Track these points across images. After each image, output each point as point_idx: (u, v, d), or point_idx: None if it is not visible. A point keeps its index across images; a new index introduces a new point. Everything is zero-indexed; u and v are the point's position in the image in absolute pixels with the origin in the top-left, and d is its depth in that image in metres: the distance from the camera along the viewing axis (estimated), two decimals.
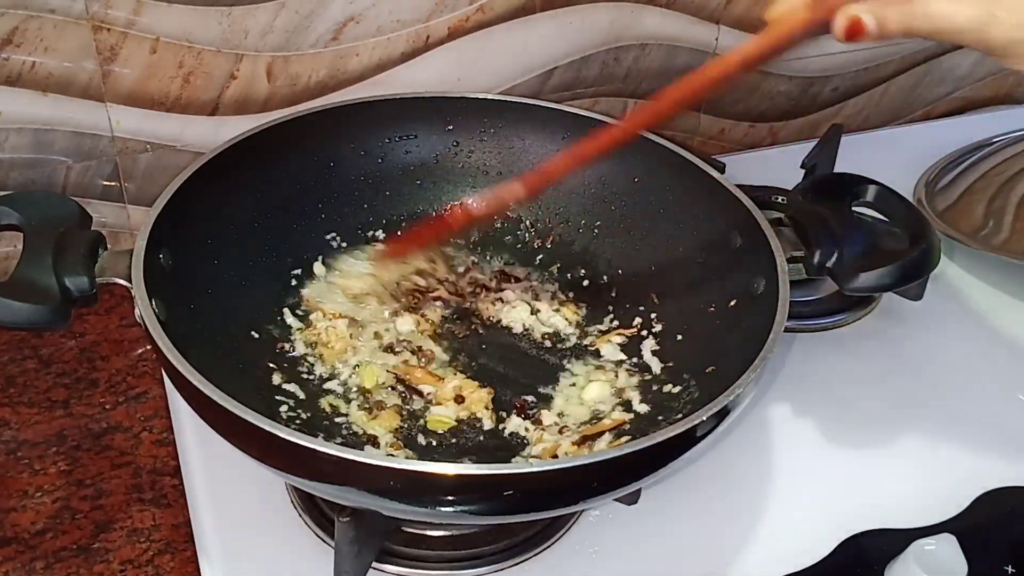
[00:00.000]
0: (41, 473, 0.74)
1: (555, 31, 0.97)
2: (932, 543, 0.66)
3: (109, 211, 0.91)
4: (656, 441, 0.56)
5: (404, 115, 0.83)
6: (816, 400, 0.81)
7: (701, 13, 1.02)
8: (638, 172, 0.81)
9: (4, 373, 0.82)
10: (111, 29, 0.82)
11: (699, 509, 0.72)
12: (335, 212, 0.82)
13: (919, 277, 0.75)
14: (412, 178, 0.85)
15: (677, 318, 0.77)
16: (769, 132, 1.15)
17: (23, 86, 0.82)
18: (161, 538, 0.70)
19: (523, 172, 0.73)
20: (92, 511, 0.72)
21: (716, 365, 0.69)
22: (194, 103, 0.88)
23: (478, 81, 0.97)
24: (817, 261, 0.71)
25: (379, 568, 0.66)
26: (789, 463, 0.76)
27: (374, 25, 0.90)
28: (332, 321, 0.76)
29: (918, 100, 1.21)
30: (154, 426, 0.78)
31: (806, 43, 0.62)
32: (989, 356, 0.87)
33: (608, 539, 0.69)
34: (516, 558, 0.68)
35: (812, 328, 0.87)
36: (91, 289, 0.64)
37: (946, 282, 0.92)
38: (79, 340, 0.85)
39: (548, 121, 0.84)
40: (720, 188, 0.76)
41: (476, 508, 0.58)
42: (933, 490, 0.74)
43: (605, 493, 0.61)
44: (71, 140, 0.86)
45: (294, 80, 0.90)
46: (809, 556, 0.69)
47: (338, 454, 0.54)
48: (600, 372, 0.75)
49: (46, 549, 0.69)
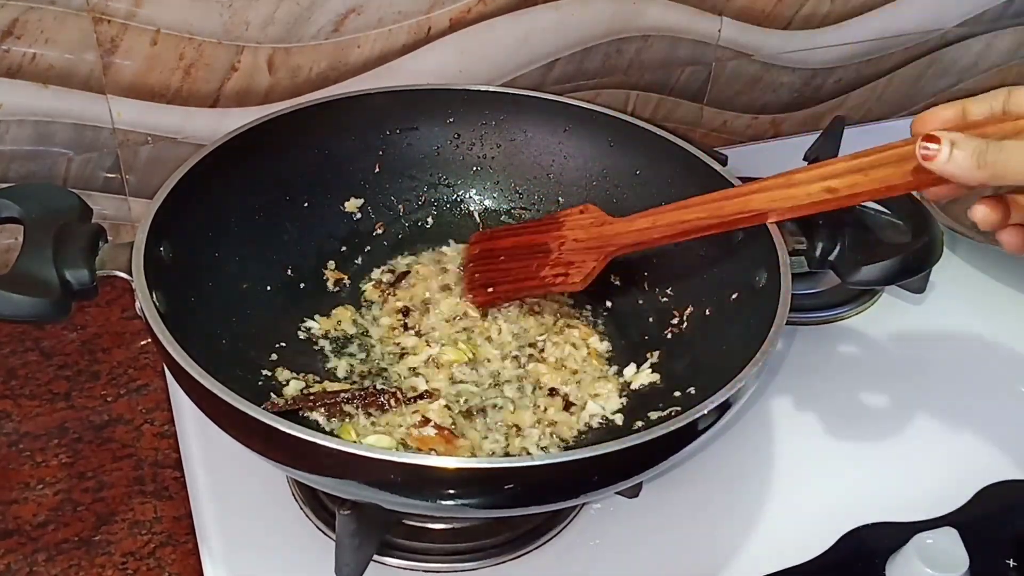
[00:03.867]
0: (43, 465, 0.75)
1: (557, 23, 0.97)
2: (933, 536, 0.66)
3: (110, 203, 0.90)
4: (658, 435, 0.56)
5: (405, 107, 0.83)
6: (818, 393, 0.81)
7: (704, 5, 1.01)
8: (640, 164, 0.81)
9: (5, 365, 0.82)
10: (112, 21, 0.82)
11: (701, 502, 0.72)
12: (336, 204, 0.82)
13: (921, 270, 0.75)
14: (413, 170, 0.84)
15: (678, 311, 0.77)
16: (772, 124, 1.15)
17: (24, 78, 0.82)
18: (163, 530, 0.70)
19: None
20: (94, 503, 0.72)
21: (718, 358, 0.69)
22: (195, 95, 0.88)
23: (480, 73, 0.97)
24: (819, 254, 0.71)
25: (380, 561, 0.66)
26: (791, 456, 0.76)
27: (375, 16, 0.90)
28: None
29: (921, 92, 1.20)
30: (155, 418, 0.78)
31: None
32: (991, 349, 0.87)
33: (610, 532, 0.69)
34: (517, 551, 0.68)
35: (814, 321, 0.87)
36: (91, 282, 0.64)
37: (948, 275, 0.92)
38: (80, 332, 0.85)
39: (550, 113, 0.84)
40: (723, 181, 0.76)
41: (477, 501, 0.58)
42: (935, 483, 0.74)
43: (606, 486, 0.61)
44: (72, 132, 0.86)
45: (295, 72, 0.90)
46: (810, 549, 0.69)
47: (339, 447, 0.54)
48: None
49: (48, 541, 0.69)
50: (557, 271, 0.73)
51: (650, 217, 0.71)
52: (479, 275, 0.77)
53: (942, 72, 1.19)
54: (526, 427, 0.69)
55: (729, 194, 0.68)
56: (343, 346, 0.75)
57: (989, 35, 1.18)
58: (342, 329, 0.76)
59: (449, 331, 0.76)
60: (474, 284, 0.77)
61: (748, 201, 0.66)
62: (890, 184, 0.61)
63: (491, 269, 0.77)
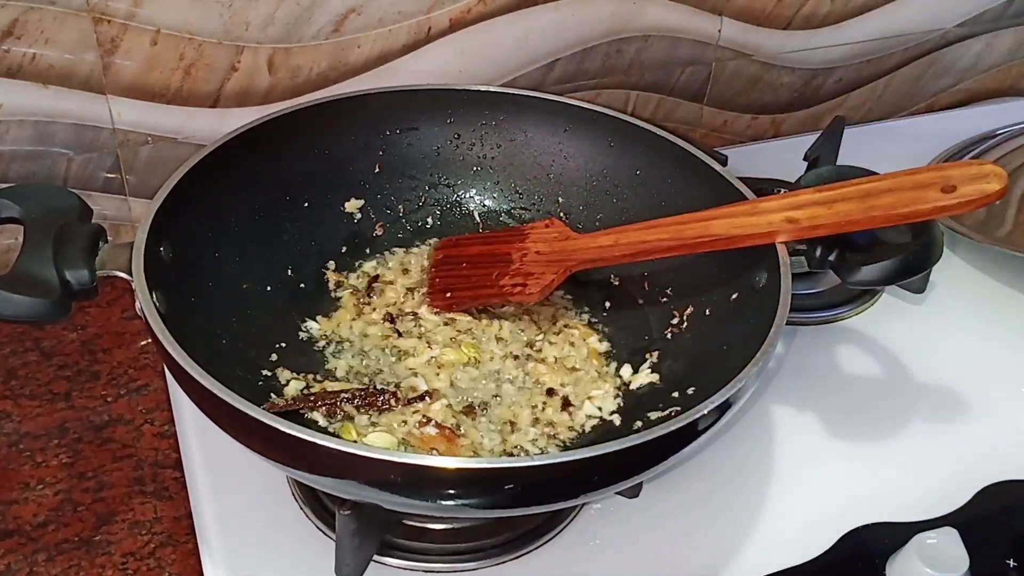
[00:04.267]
0: (43, 465, 0.75)
1: (557, 23, 0.97)
2: (934, 536, 0.66)
3: (110, 204, 0.90)
4: (658, 435, 0.56)
5: (405, 107, 0.83)
6: (818, 393, 0.81)
7: (704, 5, 1.01)
8: (640, 165, 0.81)
9: (5, 366, 0.82)
10: (112, 21, 0.82)
11: (701, 502, 0.72)
12: (336, 204, 0.82)
13: (922, 270, 0.74)
14: (413, 171, 0.84)
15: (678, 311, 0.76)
16: (772, 124, 1.15)
17: (24, 78, 0.82)
18: (163, 530, 0.70)
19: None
20: (94, 503, 0.72)
21: (718, 358, 0.69)
22: (195, 95, 0.88)
23: (480, 73, 0.97)
24: (819, 254, 0.71)
25: (380, 561, 0.66)
26: (791, 456, 0.76)
27: (375, 16, 0.90)
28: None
29: (921, 92, 1.20)
30: (155, 419, 0.78)
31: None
32: (992, 349, 0.86)
33: (610, 532, 0.69)
34: (517, 551, 0.68)
35: (814, 321, 0.87)
36: (91, 282, 0.64)
37: (949, 275, 0.92)
38: (81, 333, 0.85)
39: (550, 113, 0.84)
40: (722, 181, 0.76)
41: (477, 502, 0.58)
42: (935, 483, 0.74)
43: (606, 487, 0.61)
44: (72, 132, 0.86)
45: (295, 72, 0.90)
46: (811, 549, 0.69)
47: (339, 447, 0.54)
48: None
49: (48, 541, 0.69)
50: (516, 281, 0.74)
51: (613, 235, 0.72)
52: (439, 280, 0.78)
53: (942, 72, 1.19)
54: (523, 425, 0.69)
55: (692, 217, 0.70)
56: (344, 347, 0.75)
57: (989, 35, 1.18)
58: (338, 334, 0.76)
59: (450, 332, 0.76)
60: (434, 288, 0.78)
61: (709, 226, 0.68)
62: (851, 219, 0.65)
63: (452, 275, 0.78)
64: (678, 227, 0.70)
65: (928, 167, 0.66)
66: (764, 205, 0.68)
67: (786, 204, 0.67)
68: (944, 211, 0.63)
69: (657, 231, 0.71)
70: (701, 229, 0.69)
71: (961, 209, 0.63)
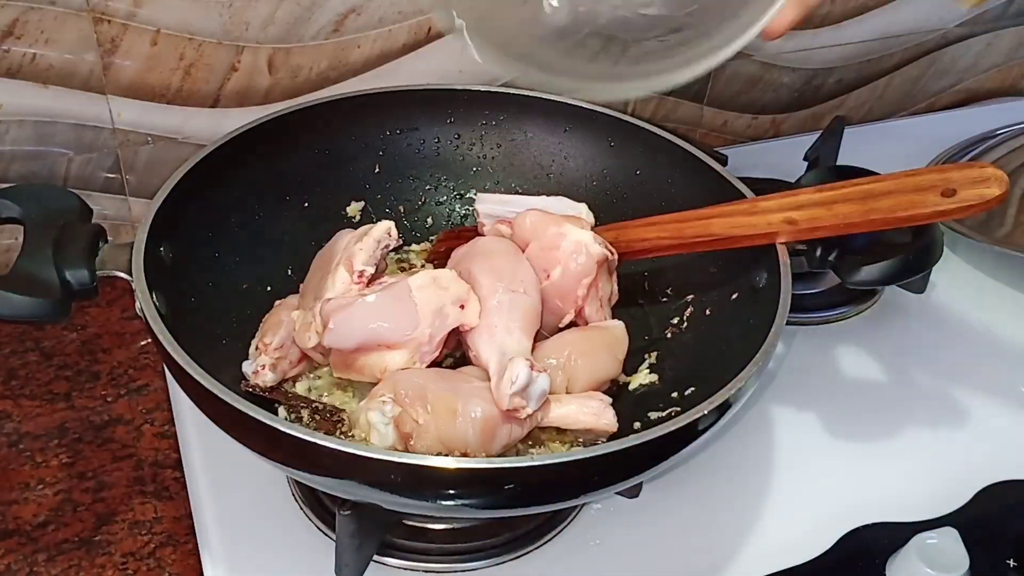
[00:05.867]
0: (43, 465, 0.75)
1: None
2: (934, 536, 0.66)
3: (110, 203, 0.90)
4: (658, 435, 0.56)
5: (405, 107, 0.83)
6: (818, 393, 0.81)
7: None
8: (640, 164, 0.81)
9: (6, 366, 0.82)
10: (112, 21, 0.82)
11: (701, 502, 0.72)
12: (336, 205, 0.82)
13: (922, 270, 0.75)
14: (413, 171, 0.84)
15: (678, 311, 0.76)
16: (772, 124, 1.15)
17: (24, 78, 0.82)
18: (163, 530, 0.70)
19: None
20: (94, 503, 0.72)
21: (718, 358, 0.69)
22: (195, 95, 0.88)
23: (480, 73, 0.96)
24: (819, 254, 0.71)
25: (380, 561, 0.66)
26: (791, 456, 0.76)
27: (375, 16, 0.90)
28: None
29: (921, 92, 1.20)
30: (155, 419, 0.78)
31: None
32: (992, 349, 0.87)
33: (610, 532, 0.69)
34: (518, 551, 0.68)
35: (814, 321, 0.87)
36: (91, 282, 0.64)
37: (949, 275, 0.92)
38: (80, 333, 0.85)
39: (550, 113, 0.84)
40: (722, 181, 0.76)
41: (477, 501, 0.58)
42: (935, 483, 0.74)
43: (607, 487, 0.61)
44: (72, 132, 0.86)
45: (295, 72, 0.90)
46: (811, 549, 0.69)
47: (338, 448, 0.54)
48: None
49: (48, 541, 0.69)
50: None
51: (613, 232, 0.73)
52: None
53: (942, 72, 1.19)
54: None
55: (692, 215, 0.70)
56: None
57: (989, 35, 1.18)
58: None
59: None
60: None
61: (709, 225, 0.69)
62: (850, 222, 0.65)
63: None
64: (678, 225, 0.70)
65: (929, 168, 0.66)
66: (764, 205, 0.68)
67: (786, 204, 0.67)
68: (944, 216, 0.63)
69: (657, 228, 0.71)
70: (700, 228, 0.69)
71: (961, 214, 0.63)
